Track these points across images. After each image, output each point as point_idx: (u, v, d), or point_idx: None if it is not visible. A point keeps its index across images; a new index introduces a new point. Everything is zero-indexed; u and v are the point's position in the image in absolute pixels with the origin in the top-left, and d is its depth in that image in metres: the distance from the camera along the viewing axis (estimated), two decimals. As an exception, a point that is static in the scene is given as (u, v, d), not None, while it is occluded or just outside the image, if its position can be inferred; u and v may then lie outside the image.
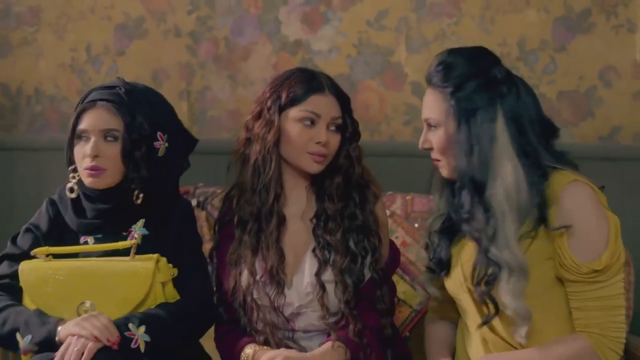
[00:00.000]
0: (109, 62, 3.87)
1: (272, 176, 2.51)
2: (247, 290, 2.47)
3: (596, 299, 2.25)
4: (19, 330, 2.36)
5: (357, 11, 3.68)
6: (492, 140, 2.27)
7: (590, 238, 2.25)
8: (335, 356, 2.41)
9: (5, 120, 3.97)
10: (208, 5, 3.77)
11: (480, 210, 2.28)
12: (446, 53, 2.41)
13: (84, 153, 2.50)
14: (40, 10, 3.92)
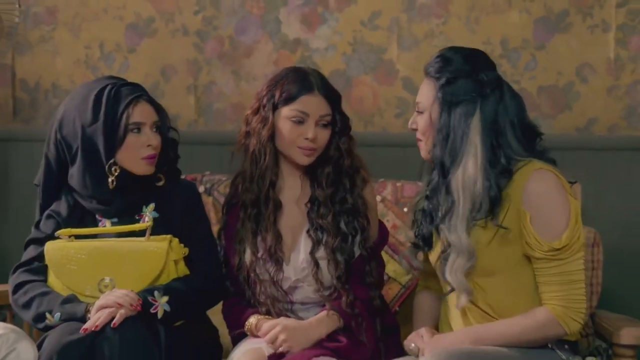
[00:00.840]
0: (121, 59, 3.94)
1: (267, 166, 2.68)
2: (250, 267, 2.66)
3: (558, 274, 2.40)
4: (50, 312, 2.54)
5: (352, 12, 3.75)
6: (464, 133, 2.44)
7: (552, 220, 2.40)
8: (330, 323, 2.58)
9: (24, 113, 4.05)
10: (213, 6, 3.84)
11: (442, 192, 2.47)
12: (447, 49, 2.59)
13: (141, 143, 2.65)
14: (56, 10, 3.98)
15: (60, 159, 2.73)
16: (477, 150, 2.43)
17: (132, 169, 2.66)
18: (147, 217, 2.66)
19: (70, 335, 2.46)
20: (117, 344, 2.43)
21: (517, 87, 3.46)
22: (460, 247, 2.41)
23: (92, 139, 2.64)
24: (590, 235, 2.91)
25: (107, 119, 2.63)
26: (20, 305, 2.62)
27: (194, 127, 3.79)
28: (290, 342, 2.51)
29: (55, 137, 2.73)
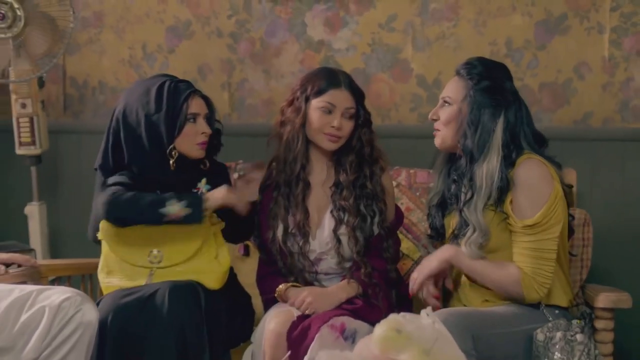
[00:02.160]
0: (162, 58, 4.10)
1: (298, 151, 2.97)
2: (282, 240, 2.96)
3: (531, 249, 2.69)
4: (165, 200, 2.83)
5: (371, 16, 3.89)
6: (490, 131, 2.75)
7: (528, 201, 2.70)
8: (350, 290, 2.88)
9: (74, 108, 4.21)
10: (246, 11, 3.98)
11: (467, 178, 2.77)
12: (475, 58, 2.88)
13: (197, 131, 2.95)
14: (103, 14, 4.14)
15: (120, 144, 2.98)
16: (499, 148, 2.74)
17: (187, 153, 2.95)
18: (202, 189, 2.95)
19: (122, 299, 2.79)
20: (166, 300, 2.74)
21: (520, 83, 3.69)
22: (479, 226, 2.72)
23: (155, 126, 2.92)
24: (581, 216, 3.15)
25: (169, 109, 2.92)
26: (126, 199, 2.85)
27: (228, 121, 3.87)
28: (315, 305, 2.80)
29: (117, 125, 2.99)
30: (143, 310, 2.76)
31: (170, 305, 2.74)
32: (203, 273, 2.92)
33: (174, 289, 2.77)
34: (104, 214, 2.89)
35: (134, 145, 2.96)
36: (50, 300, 2.68)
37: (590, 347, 2.65)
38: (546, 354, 2.61)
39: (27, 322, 2.67)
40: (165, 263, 2.93)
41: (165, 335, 2.70)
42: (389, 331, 2.02)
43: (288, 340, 2.71)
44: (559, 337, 2.62)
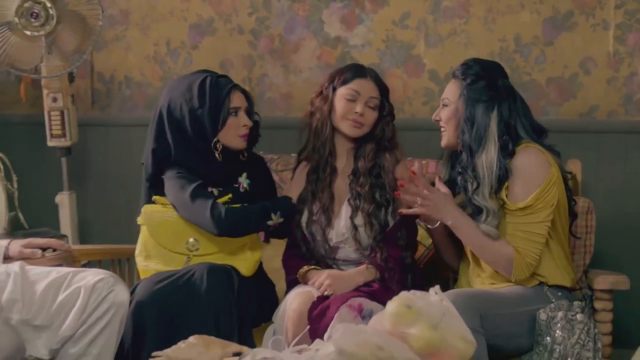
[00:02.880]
0: (185, 54, 4.22)
1: (327, 137, 3.12)
2: (306, 226, 3.12)
3: (522, 231, 2.85)
4: (269, 212, 3.02)
5: (385, 13, 4.01)
6: (486, 125, 2.90)
7: (523, 185, 2.85)
8: (367, 274, 3.03)
9: (101, 102, 4.35)
10: (265, 8, 4.11)
11: (470, 169, 2.93)
12: (471, 59, 3.03)
13: (238, 123, 3.08)
14: (129, 12, 4.27)
15: (165, 138, 3.11)
16: (495, 139, 2.89)
17: (230, 144, 3.10)
18: (243, 184, 3.13)
19: (160, 282, 2.96)
20: (205, 280, 2.90)
21: (528, 78, 3.84)
22: (491, 210, 2.87)
23: (200, 120, 3.05)
24: (585, 204, 3.26)
25: (212, 104, 3.05)
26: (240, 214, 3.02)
27: (249, 114, 4.07)
28: (333, 287, 2.95)
29: (162, 121, 3.11)
30: (181, 290, 2.92)
31: (208, 285, 2.89)
32: (236, 261, 3.08)
33: (212, 271, 2.93)
34: (214, 231, 3.00)
35: (179, 139, 3.09)
36: (85, 281, 2.85)
37: (590, 326, 2.80)
38: (548, 332, 2.77)
39: (64, 301, 2.83)
40: (201, 251, 3.09)
41: (202, 313, 2.86)
42: (400, 307, 2.18)
43: (309, 319, 2.85)
44: (560, 316, 2.78)
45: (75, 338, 2.83)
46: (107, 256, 3.49)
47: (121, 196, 4.35)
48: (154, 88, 4.29)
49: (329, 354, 1.96)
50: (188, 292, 2.91)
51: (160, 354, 2.35)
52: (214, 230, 3.00)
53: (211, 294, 2.89)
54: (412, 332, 2.15)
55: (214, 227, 2.99)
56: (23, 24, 3.78)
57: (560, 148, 3.14)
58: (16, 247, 3.13)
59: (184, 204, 3.06)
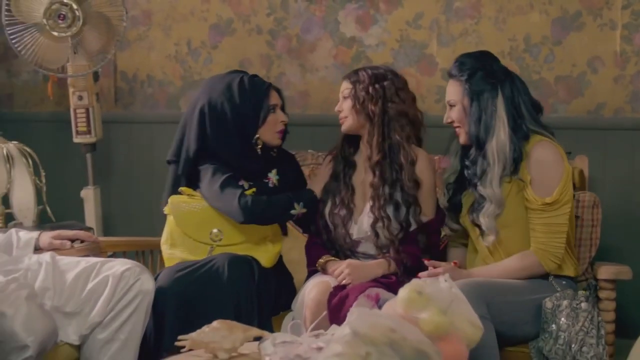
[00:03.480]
0: (205, 54, 4.34)
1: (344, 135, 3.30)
2: (328, 216, 3.25)
3: (545, 224, 2.97)
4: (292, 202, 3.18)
5: (399, 14, 4.09)
6: (492, 112, 3.01)
7: (547, 180, 2.96)
8: (385, 266, 3.15)
9: (124, 100, 4.49)
10: (283, 9, 4.21)
11: (480, 159, 3.03)
12: (461, 55, 3.14)
13: (276, 120, 3.23)
14: (151, 13, 4.40)
15: (204, 135, 3.24)
16: (504, 123, 3.00)
17: (268, 141, 3.25)
18: (273, 179, 3.27)
19: (183, 270, 3.10)
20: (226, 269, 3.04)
21: (537, 77, 3.93)
22: (494, 198, 2.99)
23: (241, 118, 3.19)
24: (591, 198, 3.37)
25: (254, 102, 3.20)
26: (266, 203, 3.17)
27: (267, 111, 4.15)
28: (352, 276, 3.07)
29: (202, 118, 3.23)
30: (201, 279, 3.06)
31: (229, 274, 3.03)
32: (258, 252, 3.22)
33: (233, 260, 3.08)
34: (241, 218, 3.14)
35: (220, 135, 3.23)
36: (113, 270, 2.99)
37: (593, 314, 2.92)
38: (554, 320, 2.90)
39: (93, 289, 2.98)
40: (224, 242, 3.24)
41: (224, 301, 3.00)
42: (411, 293, 2.32)
43: (328, 308, 2.98)
44: (565, 304, 2.91)
45: (103, 324, 2.97)
46: (131, 248, 3.63)
47: (143, 190, 4.48)
48: (175, 86, 4.42)
49: (345, 335, 2.10)
50: (209, 281, 3.05)
51: (185, 337, 2.50)
52: (240, 217, 3.14)
53: (233, 283, 3.03)
54: (423, 316, 2.28)
55: (241, 214, 3.13)
56: (51, 26, 3.92)
57: (568, 144, 3.25)
58: (46, 238, 3.27)
59: (214, 193, 3.20)
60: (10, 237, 3.25)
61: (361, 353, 2.03)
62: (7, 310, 2.64)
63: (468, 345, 2.34)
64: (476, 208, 3.05)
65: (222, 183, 3.18)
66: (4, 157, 3.84)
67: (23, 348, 2.65)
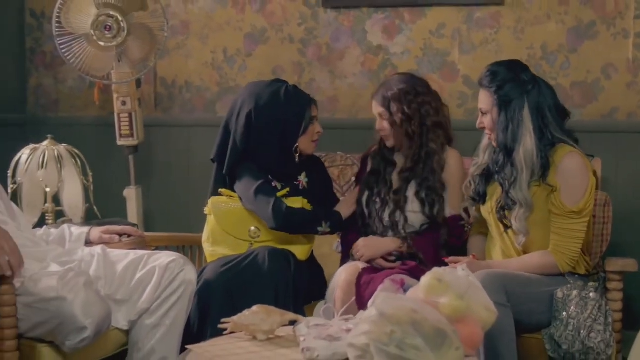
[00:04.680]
0: (240, 61, 4.50)
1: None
2: (365, 205, 3.51)
3: (565, 230, 3.18)
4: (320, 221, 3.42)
5: (423, 24, 4.24)
6: (519, 122, 3.20)
7: (575, 190, 3.16)
8: (399, 242, 3.42)
9: (163, 105, 4.66)
10: (314, 20, 4.37)
11: (509, 166, 3.23)
12: (492, 64, 3.32)
13: (315, 130, 3.45)
14: (189, 23, 4.57)
15: (249, 141, 3.45)
16: (530, 132, 3.19)
17: (305, 149, 3.48)
18: (303, 182, 3.52)
19: (226, 264, 3.34)
20: (267, 260, 3.29)
21: (554, 82, 3.97)
22: (525, 202, 3.19)
23: (286, 127, 3.42)
24: (602, 197, 3.54)
25: (297, 112, 3.43)
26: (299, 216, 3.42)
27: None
28: (365, 249, 3.37)
29: (249, 123, 3.44)
30: (245, 270, 3.30)
31: (269, 265, 3.28)
32: (293, 247, 3.47)
33: (273, 253, 3.33)
34: (272, 225, 3.41)
35: (263, 140, 3.45)
36: (159, 261, 3.25)
37: (601, 303, 3.14)
38: (564, 308, 3.12)
39: (141, 279, 3.24)
40: (262, 238, 3.48)
41: (264, 289, 3.24)
42: (432, 280, 2.57)
43: (356, 287, 3.25)
44: (575, 294, 3.13)
45: (150, 311, 3.23)
46: (173, 243, 3.89)
47: (181, 189, 4.67)
48: (211, 92, 4.60)
49: (372, 316, 2.35)
50: (251, 271, 3.30)
51: (228, 320, 2.76)
52: (272, 223, 3.40)
53: (272, 274, 3.28)
54: (442, 301, 2.53)
55: (273, 221, 3.39)
56: (98, 36, 4.15)
57: (583, 147, 3.38)
58: (96, 233, 3.56)
59: (249, 197, 3.46)
60: (63, 232, 3.54)
61: (386, 331, 2.29)
62: (68, 295, 2.91)
63: (483, 327, 2.58)
64: (505, 209, 3.24)
65: (256, 188, 3.42)
66: (55, 159, 4.08)
67: (82, 329, 2.92)
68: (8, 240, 2.93)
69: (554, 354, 3.13)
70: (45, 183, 4.09)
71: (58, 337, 2.98)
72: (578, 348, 3.07)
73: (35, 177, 4.08)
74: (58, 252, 3.37)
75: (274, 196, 3.42)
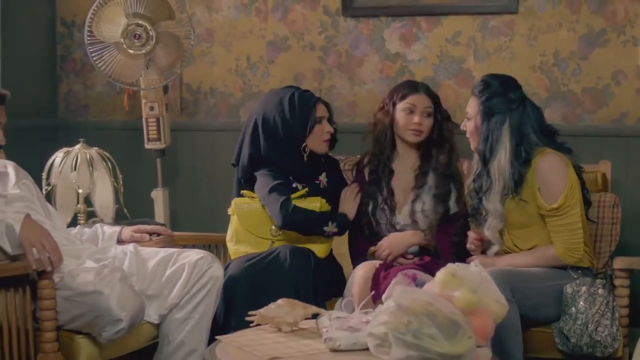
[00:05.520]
0: (263, 68, 4.63)
1: (385, 145, 3.66)
2: (371, 213, 3.65)
3: (560, 225, 3.33)
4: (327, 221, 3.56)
5: (439, 32, 4.36)
6: (498, 136, 3.35)
7: (552, 188, 3.31)
8: (420, 236, 3.59)
9: (189, 110, 4.79)
10: (334, 28, 4.50)
11: (485, 175, 3.39)
12: (488, 75, 3.47)
13: (322, 131, 3.59)
14: (214, 31, 4.71)
15: (258, 143, 3.62)
16: (506, 149, 3.35)
17: (316, 148, 3.63)
18: (323, 181, 3.67)
19: (249, 260, 3.50)
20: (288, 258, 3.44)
21: (565, 89, 4.20)
22: (496, 213, 3.35)
23: (291, 128, 3.59)
24: (611, 199, 3.70)
25: (301, 114, 3.59)
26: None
27: (318, 120, 4.33)
28: (389, 249, 3.52)
29: (257, 129, 3.62)
30: (268, 266, 3.46)
31: (290, 262, 3.44)
32: (312, 245, 3.63)
33: (294, 251, 3.49)
34: (279, 223, 3.57)
35: (272, 143, 3.63)
36: (188, 259, 3.42)
37: (609, 299, 3.30)
38: (573, 304, 3.28)
39: (171, 275, 3.41)
40: (283, 237, 3.64)
41: (286, 285, 3.39)
42: (447, 275, 2.73)
43: (372, 282, 3.42)
44: (583, 290, 3.29)
45: (180, 305, 3.41)
46: (200, 241, 4.05)
47: (206, 191, 4.81)
48: (235, 98, 4.74)
49: (390, 307, 2.52)
50: (274, 268, 3.46)
51: (254, 313, 2.93)
52: (279, 221, 3.57)
53: (293, 271, 3.44)
54: (456, 294, 2.69)
55: (280, 219, 3.56)
56: (127, 44, 4.30)
57: (594, 150, 3.58)
58: (127, 232, 3.73)
59: (263, 196, 3.63)
60: (96, 231, 3.72)
61: (403, 321, 2.46)
62: (104, 289, 3.09)
63: (494, 319, 2.75)
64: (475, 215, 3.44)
65: (271, 188, 3.59)
66: (87, 161, 4.26)
67: (117, 321, 3.10)
68: (48, 238, 3.11)
69: (563, 347, 3.30)
70: (78, 185, 4.25)
71: (95, 329, 3.15)
72: (586, 341, 3.23)
73: (68, 179, 4.24)
74: (92, 249, 3.55)
75: (284, 196, 3.57)
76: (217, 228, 4.22)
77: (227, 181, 4.22)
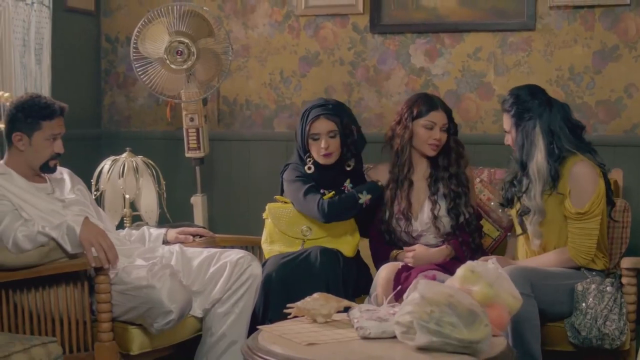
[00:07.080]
0: (295, 82, 4.84)
1: (406, 158, 3.87)
2: (388, 221, 3.88)
3: (579, 229, 3.58)
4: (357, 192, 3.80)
5: (461, 48, 4.56)
6: (532, 141, 3.61)
7: (582, 194, 3.55)
8: (446, 252, 3.81)
9: (226, 121, 5.01)
10: (362, 44, 4.70)
11: (524, 177, 3.64)
12: (513, 89, 3.71)
13: (318, 147, 3.78)
14: (249, 47, 4.92)
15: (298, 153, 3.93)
16: (541, 150, 3.60)
17: (318, 160, 3.85)
18: (348, 187, 3.89)
19: (283, 259, 3.76)
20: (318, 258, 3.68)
21: (580, 101, 4.39)
22: (537, 209, 3.59)
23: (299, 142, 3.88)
24: (622, 204, 3.93)
25: (302, 131, 3.86)
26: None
27: (348, 131, 4.47)
28: (416, 261, 3.73)
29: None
30: (299, 266, 3.71)
31: (321, 261, 3.68)
32: (341, 244, 3.87)
33: (324, 251, 3.74)
34: (322, 219, 3.80)
35: (297, 153, 3.96)
36: (230, 258, 3.70)
37: (617, 296, 3.54)
38: (583, 300, 3.53)
39: (214, 272, 3.70)
40: (313, 236, 3.89)
41: (317, 283, 3.61)
42: (466, 271, 3.01)
43: (395, 282, 3.65)
44: (593, 288, 3.54)
45: (222, 300, 3.69)
46: (238, 243, 4.30)
47: (241, 197, 5.03)
48: (269, 110, 4.95)
49: (415, 299, 2.81)
50: (305, 267, 3.71)
51: (292, 305, 3.22)
52: (321, 218, 3.81)
53: (323, 270, 3.69)
54: (475, 289, 2.97)
55: (321, 217, 3.81)
56: (170, 60, 4.56)
57: (607, 159, 3.73)
58: (172, 233, 4.02)
59: (298, 200, 3.88)
60: (143, 233, 4.02)
61: (427, 311, 2.74)
62: (156, 284, 3.39)
63: (509, 312, 3.03)
64: (523, 215, 3.66)
65: (305, 192, 3.84)
66: (133, 169, 4.55)
67: (168, 313, 3.39)
68: (105, 238, 3.41)
69: (574, 340, 3.55)
70: (125, 190, 4.53)
71: (147, 320, 3.45)
72: (595, 334, 3.48)
73: (116, 185, 4.52)
74: (141, 249, 3.84)
75: (318, 196, 3.81)
76: (252, 231, 4.45)
77: (262, 188, 4.52)
